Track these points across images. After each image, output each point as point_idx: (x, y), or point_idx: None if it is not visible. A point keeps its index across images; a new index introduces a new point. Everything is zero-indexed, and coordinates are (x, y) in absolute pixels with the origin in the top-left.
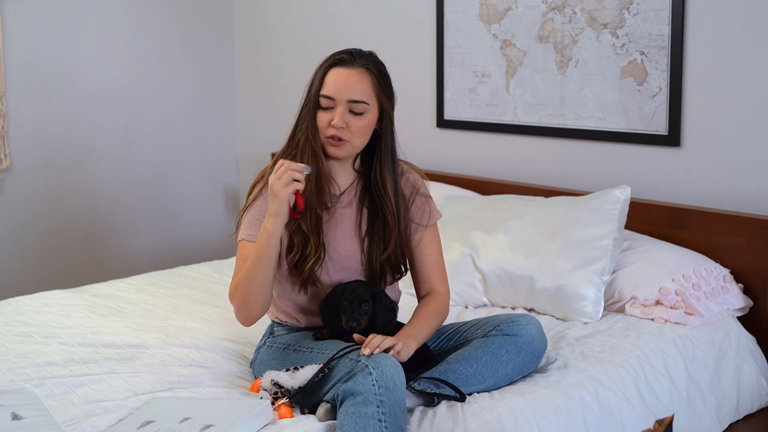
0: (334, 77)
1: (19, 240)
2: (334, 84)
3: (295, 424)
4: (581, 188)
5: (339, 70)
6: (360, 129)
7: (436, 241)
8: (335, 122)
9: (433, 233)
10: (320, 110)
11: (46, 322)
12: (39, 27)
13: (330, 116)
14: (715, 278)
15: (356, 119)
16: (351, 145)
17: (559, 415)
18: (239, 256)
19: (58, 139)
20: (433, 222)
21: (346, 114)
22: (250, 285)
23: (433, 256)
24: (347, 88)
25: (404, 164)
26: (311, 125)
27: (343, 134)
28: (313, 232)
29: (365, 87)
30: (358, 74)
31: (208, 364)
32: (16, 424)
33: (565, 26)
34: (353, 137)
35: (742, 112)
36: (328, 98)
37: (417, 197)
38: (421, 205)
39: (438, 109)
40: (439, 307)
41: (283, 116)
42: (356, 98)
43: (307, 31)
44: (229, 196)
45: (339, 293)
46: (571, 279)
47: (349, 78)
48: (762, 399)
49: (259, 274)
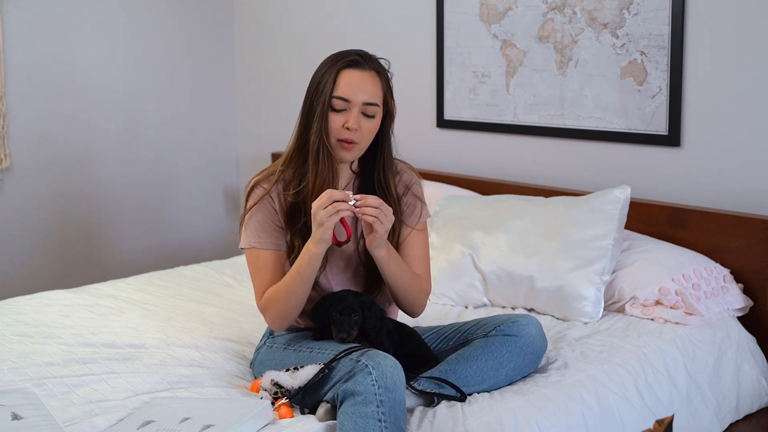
0: (349, 79)
1: (19, 240)
2: (349, 86)
3: (295, 424)
4: (581, 188)
5: (353, 72)
6: (369, 131)
7: (422, 238)
8: (350, 124)
9: (421, 229)
10: (332, 112)
11: (46, 322)
12: (39, 27)
13: (343, 118)
14: (715, 278)
15: (367, 121)
16: (359, 147)
17: (559, 415)
18: (255, 267)
19: (58, 139)
20: (420, 222)
21: (359, 116)
22: (290, 299)
23: (416, 250)
24: (362, 91)
25: (400, 163)
26: (324, 127)
27: (354, 136)
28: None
29: (377, 90)
30: (371, 77)
31: (208, 364)
32: (16, 424)
33: (565, 26)
34: (363, 139)
35: (742, 112)
36: (343, 100)
37: (407, 196)
38: (411, 204)
39: (438, 109)
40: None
41: (283, 116)
42: (370, 101)
43: (307, 31)
44: (229, 196)
45: (328, 303)
46: (571, 279)
47: (364, 80)
48: (762, 399)
49: (300, 290)
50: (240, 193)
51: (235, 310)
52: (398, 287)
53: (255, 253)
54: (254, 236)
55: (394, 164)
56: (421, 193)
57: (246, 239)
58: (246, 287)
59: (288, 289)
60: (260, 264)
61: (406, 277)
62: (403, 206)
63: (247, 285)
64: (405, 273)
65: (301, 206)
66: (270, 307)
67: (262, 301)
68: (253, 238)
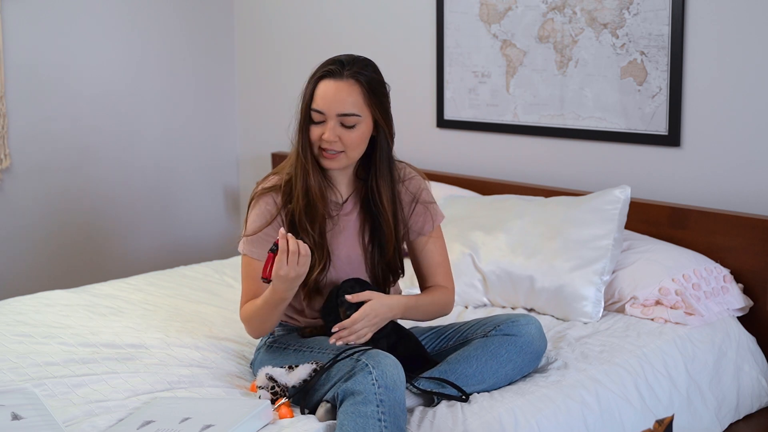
0: (323, 91)
1: (19, 240)
2: (323, 98)
3: (295, 424)
4: (581, 188)
5: (327, 83)
6: (354, 141)
7: (439, 244)
8: (326, 137)
9: (437, 236)
10: (312, 124)
11: (46, 322)
12: (39, 27)
13: (321, 130)
14: (715, 278)
15: (348, 132)
16: (346, 156)
17: (559, 415)
18: (246, 273)
19: (58, 139)
20: (435, 227)
21: (337, 128)
22: (264, 323)
23: (437, 258)
24: (336, 102)
25: (407, 168)
26: (303, 140)
27: (335, 147)
28: (317, 247)
29: (355, 99)
30: (347, 86)
31: (208, 364)
32: (16, 424)
33: (565, 26)
34: (348, 149)
35: (742, 112)
36: (318, 112)
37: (417, 206)
38: (422, 213)
39: (438, 109)
40: (440, 295)
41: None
42: (346, 111)
43: (307, 31)
44: (229, 197)
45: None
46: (571, 279)
47: (338, 91)
48: (762, 399)
49: (273, 317)
50: (240, 194)
51: (235, 310)
52: (425, 320)
53: (247, 261)
54: (249, 244)
55: (396, 171)
56: (430, 196)
57: (242, 244)
58: None
59: (261, 317)
60: (249, 272)
61: (429, 309)
62: (415, 217)
63: None
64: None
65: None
66: (247, 324)
67: (242, 313)
68: (247, 246)
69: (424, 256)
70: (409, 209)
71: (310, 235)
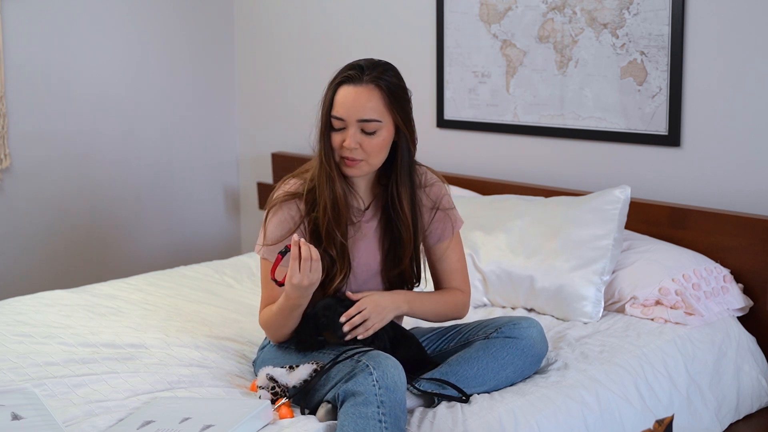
0: (343, 97)
1: (19, 240)
2: (342, 104)
3: (295, 424)
4: (581, 188)
5: (347, 89)
6: (375, 147)
7: (458, 249)
8: (347, 144)
9: (456, 241)
10: (333, 131)
11: (46, 322)
12: (39, 28)
13: (342, 137)
14: (715, 278)
15: (369, 138)
16: (367, 163)
17: (559, 415)
18: (264, 278)
19: (58, 139)
20: (454, 233)
21: (357, 134)
22: (281, 329)
23: (454, 264)
24: (356, 108)
25: (428, 173)
26: (325, 147)
27: (356, 154)
28: (339, 256)
29: (375, 104)
30: (367, 92)
31: (208, 364)
32: (16, 424)
33: (565, 26)
34: (369, 156)
35: (742, 112)
36: (339, 119)
37: (437, 212)
38: (442, 219)
39: (438, 109)
40: (451, 295)
41: (284, 116)
42: (366, 117)
43: (307, 31)
44: (229, 197)
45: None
46: (571, 279)
47: (358, 97)
48: (762, 399)
49: (290, 322)
50: (240, 194)
51: (235, 310)
52: (434, 320)
53: (266, 264)
54: (267, 249)
55: (417, 177)
56: (451, 203)
57: (262, 249)
58: (246, 287)
59: (277, 323)
60: (267, 277)
61: (436, 307)
62: (435, 224)
63: (246, 285)
64: (433, 307)
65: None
66: (266, 329)
67: (260, 318)
68: (268, 251)
69: (442, 262)
70: (430, 216)
71: (335, 244)
